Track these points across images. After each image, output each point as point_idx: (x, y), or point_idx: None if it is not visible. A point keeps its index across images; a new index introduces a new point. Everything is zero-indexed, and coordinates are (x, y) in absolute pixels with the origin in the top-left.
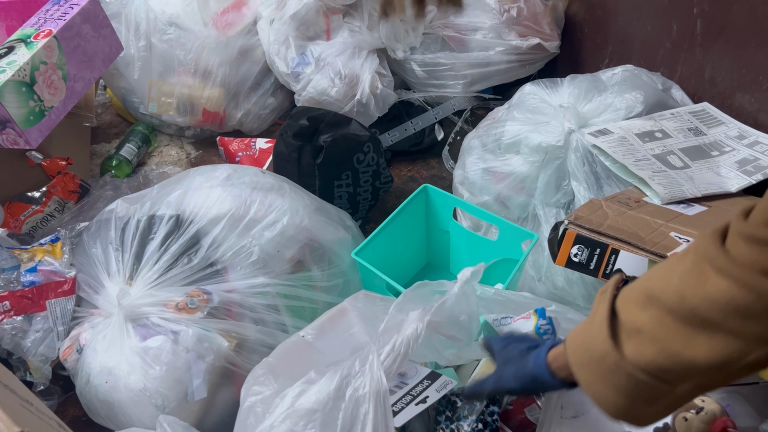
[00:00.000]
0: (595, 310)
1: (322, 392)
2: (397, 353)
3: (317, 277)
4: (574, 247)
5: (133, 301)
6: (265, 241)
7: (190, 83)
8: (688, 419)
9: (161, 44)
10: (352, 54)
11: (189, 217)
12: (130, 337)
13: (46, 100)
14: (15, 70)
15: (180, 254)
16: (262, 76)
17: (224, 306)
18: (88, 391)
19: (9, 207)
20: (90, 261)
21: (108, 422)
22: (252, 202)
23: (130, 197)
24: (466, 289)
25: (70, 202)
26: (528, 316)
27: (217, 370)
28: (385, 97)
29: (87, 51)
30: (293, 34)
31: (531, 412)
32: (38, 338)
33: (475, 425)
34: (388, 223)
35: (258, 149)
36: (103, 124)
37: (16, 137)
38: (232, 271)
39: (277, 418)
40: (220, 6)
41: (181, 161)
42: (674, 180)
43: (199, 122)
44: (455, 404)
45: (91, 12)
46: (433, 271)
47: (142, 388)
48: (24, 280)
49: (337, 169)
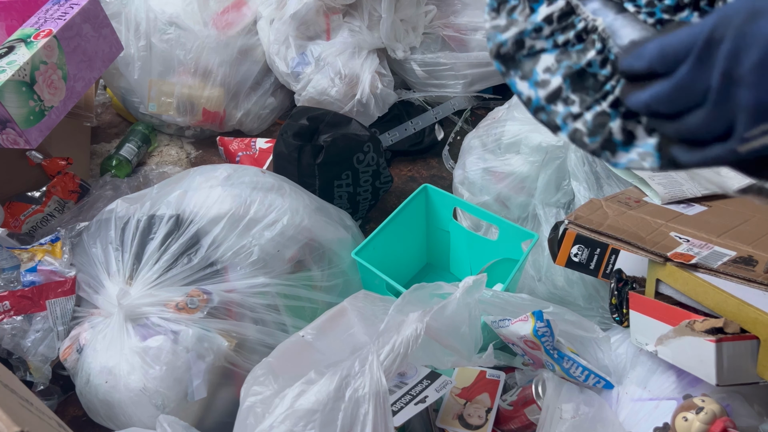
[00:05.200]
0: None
1: (322, 392)
2: (396, 354)
3: (317, 277)
4: (574, 247)
5: (133, 301)
6: (265, 240)
7: (190, 83)
8: (688, 419)
9: (161, 44)
10: (352, 54)
11: (189, 217)
12: (130, 336)
13: (46, 100)
14: (15, 70)
15: (180, 254)
16: (262, 75)
17: (224, 306)
18: (88, 390)
19: (9, 207)
20: (90, 261)
21: (108, 422)
22: (252, 202)
23: (130, 197)
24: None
25: (70, 202)
26: (525, 319)
27: (217, 370)
28: (385, 96)
29: (87, 51)
30: (293, 34)
31: (531, 413)
32: (38, 338)
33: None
34: (388, 223)
35: (258, 149)
36: (103, 124)
37: (16, 137)
38: (232, 271)
39: (277, 418)
40: (220, 6)
41: (181, 161)
42: (674, 180)
43: (199, 122)
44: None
45: (91, 12)
46: (433, 271)
47: (142, 387)
48: (24, 279)
49: (337, 168)
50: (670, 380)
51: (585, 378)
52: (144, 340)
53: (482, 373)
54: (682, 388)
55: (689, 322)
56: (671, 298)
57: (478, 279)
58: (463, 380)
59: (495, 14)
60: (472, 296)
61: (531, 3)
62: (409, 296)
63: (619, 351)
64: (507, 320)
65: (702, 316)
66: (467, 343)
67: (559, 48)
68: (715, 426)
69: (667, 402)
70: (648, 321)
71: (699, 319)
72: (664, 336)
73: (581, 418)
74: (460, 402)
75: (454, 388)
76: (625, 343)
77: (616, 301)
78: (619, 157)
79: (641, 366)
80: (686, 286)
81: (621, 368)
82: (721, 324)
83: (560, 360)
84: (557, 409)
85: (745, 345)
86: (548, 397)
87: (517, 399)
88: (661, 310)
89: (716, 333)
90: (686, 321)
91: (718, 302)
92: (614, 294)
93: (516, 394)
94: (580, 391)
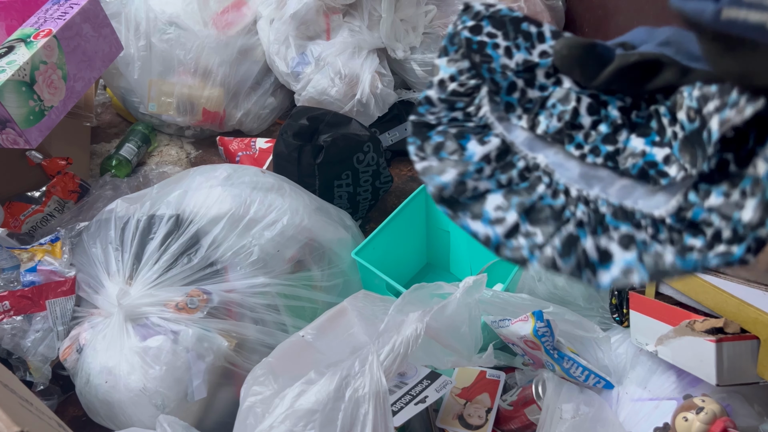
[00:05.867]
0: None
1: (322, 393)
2: (396, 353)
3: (317, 277)
4: None
5: (132, 301)
6: (265, 240)
7: (190, 83)
8: (688, 419)
9: (161, 44)
10: (352, 54)
11: (189, 217)
12: (130, 336)
13: (46, 100)
14: (15, 70)
15: (180, 254)
16: (262, 75)
17: (224, 306)
18: (88, 390)
19: (9, 207)
20: (90, 261)
21: (108, 422)
22: (252, 202)
23: (129, 197)
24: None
25: (70, 202)
26: (526, 319)
27: (217, 370)
28: (385, 96)
29: (87, 51)
30: (293, 34)
31: (531, 413)
32: (38, 338)
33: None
34: (388, 223)
35: (258, 149)
36: (103, 124)
37: (16, 137)
38: (232, 271)
39: (277, 418)
40: (220, 5)
41: (180, 161)
42: None
43: (199, 122)
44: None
45: (91, 11)
46: (433, 271)
47: (141, 387)
48: (24, 279)
49: (337, 168)
50: (670, 380)
51: (585, 378)
52: (144, 340)
53: (482, 373)
54: (683, 388)
55: (689, 322)
56: (671, 298)
57: (478, 279)
58: (463, 380)
59: (422, 153)
60: (472, 296)
61: (458, 140)
62: (409, 296)
63: (619, 351)
64: (507, 320)
65: (702, 316)
66: (467, 343)
67: (504, 188)
68: (715, 426)
69: (668, 402)
70: (648, 321)
71: (699, 319)
72: (665, 336)
73: (581, 419)
74: (460, 402)
75: (454, 388)
76: (626, 343)
77: (616, 301)
78: (601, 277)
79: (641, 366)
80: (686, 286)
81: (621, 368)
82: (721, 324)
83: (560, 360)
84: (557, 409)
85: (745, 345)
86: (548, 397)
87: (517, 399)
88: (662, 310)
89: (716, 333)
90: (686, 321)
91: (719, 302)
92: (614, 294)
93: (516, 394)
94: (580, 391)
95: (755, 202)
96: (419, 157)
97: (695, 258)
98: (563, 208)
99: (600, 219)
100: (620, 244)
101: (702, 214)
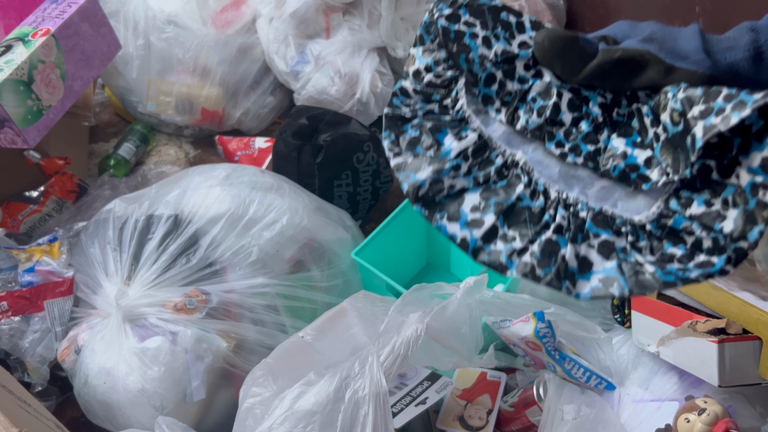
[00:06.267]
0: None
1: (322, 394)
2: (396, 354)
3: (317, 278)
4: None
5: (131, 302)
6: (264, 241)
7: (188, 82)
8: (690, 420)
9: (160, 43)
10: (352, 52)
11: (187, 217)
12: (128, 337)
13: (44, 99)
14: (13, 69)
15: (178, 254)
16: (261, 74)
17: (223, 306)
18: (87, 392)
19: (7, 207)
20: (88, 261)
21: (106, 423)
22: (251, 202)
23: (128, 197)
24: (468, 300)
25: (68, 202)
26: (527, 319)
27: (216, 371)
28: (385, 95)
29: (85, 50)
30: (293, 33)
31: (532, 414)
32: (36, 339)
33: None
34: (388, 223)
35: (257, 148)
36: (102, 124)
37: (14, 136)
38: (231, 272)
39: (276, 419)
40: (219, 4)
41: (179, 160)
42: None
43: (197, 121)
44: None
45: (90, 10)
46: (433, 271)
47: (140, 389)
48: (22, 280)
49: (336, 168)
50: (672, 381)
51: (586, 379)
52: (142, 340)
53: (483, 374)
54: (684, 389)
55: (691, 323)
56: (673, 298)
57: (479, 279)
58: (464, 381)
59: (396, 148)
60: (472, 297)
61: (434, 134)
62: (410, 297)
63: (621, 352)
64: (508, 321)
65: (704, 316)
66: (468, 344)
67: (481, 186)
68: (717, 427)
69: (669, 403)
70: (650, 322)
71: (701, 319)
72: (666, 337)
73: (582, 420)
74: (460, 403)
75: (455, 389)
76: (627, 344)
77: (617, 301)
78: (580, 287)
79: (643, 367)
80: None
81: (623, 369)
82: (723, 325)
83: (561, 361)
84: (558, 410)
85: (747, 346)
86: (549, 399)
87: (518, 400)
88: (663, 311)
89: (718, 334)
90: (688, 322)
91: (721, 303)
92: None
93: (517, 396)
94: (582, 392)
95: (737, 213)
96: (393, 153)
97: (675, 268)
98: (542, 211)
99: (580, 225)
100: (600, 252)
101: (683, 222)
